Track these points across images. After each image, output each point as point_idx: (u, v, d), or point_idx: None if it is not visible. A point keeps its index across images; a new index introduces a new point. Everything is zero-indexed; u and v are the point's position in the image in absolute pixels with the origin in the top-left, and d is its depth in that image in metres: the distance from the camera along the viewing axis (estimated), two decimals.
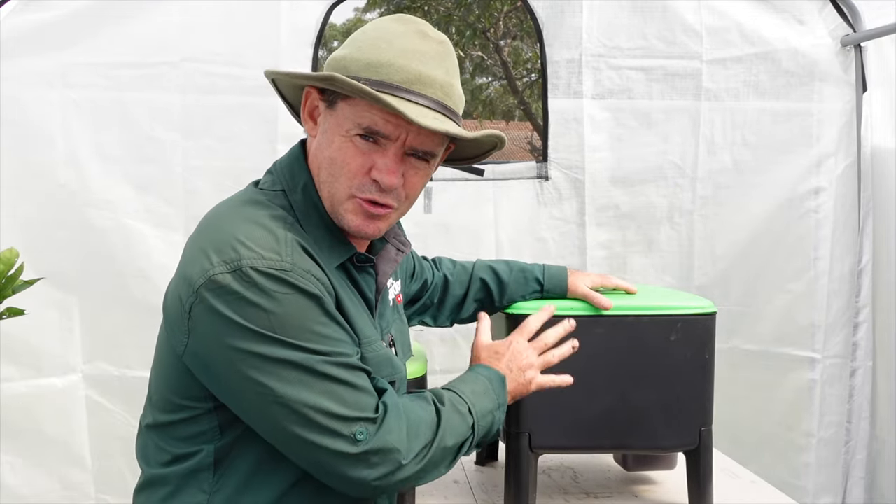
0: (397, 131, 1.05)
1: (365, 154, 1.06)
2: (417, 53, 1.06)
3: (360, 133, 1.05)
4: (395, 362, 1.20)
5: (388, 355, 1.18)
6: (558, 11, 2.57)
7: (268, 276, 0.99)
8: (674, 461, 1.72)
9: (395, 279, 1.35)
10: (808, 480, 2.66)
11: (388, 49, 1.06)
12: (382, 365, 1.14)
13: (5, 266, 1.62)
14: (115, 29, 2.33)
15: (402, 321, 1.35)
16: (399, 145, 1.06)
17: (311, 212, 1.11)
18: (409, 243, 1.29)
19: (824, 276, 2.63)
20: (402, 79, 1.04)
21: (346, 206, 1.09)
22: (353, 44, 1.10)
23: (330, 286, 1.06)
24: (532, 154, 10.34)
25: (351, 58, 1.07)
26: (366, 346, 1.12)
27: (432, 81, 1.06)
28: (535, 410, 1.50)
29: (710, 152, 2.63)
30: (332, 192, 1.09)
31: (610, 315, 1.49)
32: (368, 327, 1.15)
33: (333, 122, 1.07)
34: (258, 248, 1.01)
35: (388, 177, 1.06)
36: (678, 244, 2.67)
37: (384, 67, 1.04)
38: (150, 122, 2.38)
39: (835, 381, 2.64)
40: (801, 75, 2.60)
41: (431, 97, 1.06)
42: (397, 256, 1.24)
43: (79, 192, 2.33)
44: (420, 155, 1.09)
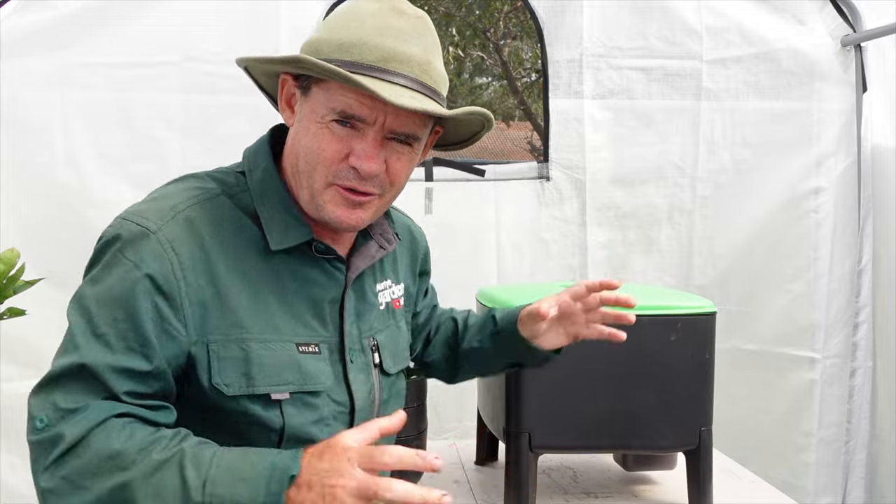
0: (374, 114, 0.98)
1: (342, 140, 1.00)
2: (392, 30, 1.00)
3: (335, 118, 0.99)
4: (310, 370, 1.04)
5: (297, 360, 1.03)
6: (559, 11, 2.57)
7: (123, 232, 0.97)
8: (674, 461, 1.72)
9: (394, 282, 1.25)
10: (808, 480, 2.66)
11: (360, 28, 1.00)
12: (283, 369, 1.02)
13: (6, 266, 1.62)
14: (115, 29, 2.33)
15: (397, 327, 1.24)
16: (377, 129, 1.00)
17: (268, 191, 1.06)
18: (396, 240, 1.21)
19: (824, 276, 2.63)
20: (375, 58, 0.98)
21: (325, 195, 1.03)
22: (326, 25, 1.05)
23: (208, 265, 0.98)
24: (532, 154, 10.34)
25: (323, 39, 1.02)
26: (260, 342, 1.01)
27: (408, 59, 1.00)
28: (535, 410, 1.50)
29: (710, 152, 2.64)
30: (311, 182, 1.03)
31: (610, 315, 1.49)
32: (289, 322, 1.04)
33: (308, 109, 1.02)
34: (143, 207, 1.01)
35: (367, 163, 1.00)
36: (678, 244, 2.67)
37: (356, 47, 0.98)
38: (149, 121, 2.38)
39: (835, 381, 2.64)
40: (801, 75, 2.60)
41: (408, 75, 0.99)
42: (377, 253, 1.16)
43: (79, 191, 2.33)
44: (402, 138, 1.02)
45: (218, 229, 1.02)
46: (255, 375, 1.00)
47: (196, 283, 0.97)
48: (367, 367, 1.14)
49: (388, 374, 1.19)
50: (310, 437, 1.04)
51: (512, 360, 1.35)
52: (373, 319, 1.17)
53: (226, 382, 0.99)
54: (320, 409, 1.06)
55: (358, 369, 1.12)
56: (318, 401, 1.06)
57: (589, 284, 1.20)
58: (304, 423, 1.04)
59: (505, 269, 2.62)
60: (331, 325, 1.10)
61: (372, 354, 1.15)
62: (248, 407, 1.00)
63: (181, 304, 0.96)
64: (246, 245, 1.03)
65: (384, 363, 1.17)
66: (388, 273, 1.24)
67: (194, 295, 0.97)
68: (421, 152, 1.09)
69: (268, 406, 1.01)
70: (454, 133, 1.15)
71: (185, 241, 0.98)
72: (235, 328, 1.00)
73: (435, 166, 2.57)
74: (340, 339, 1.10)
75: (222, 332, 0.99)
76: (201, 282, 0.98)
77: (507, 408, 1.53)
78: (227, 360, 0.99)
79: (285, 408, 1.02)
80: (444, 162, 2.61)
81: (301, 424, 1.04)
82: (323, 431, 1.06)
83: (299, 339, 1.05)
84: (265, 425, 1.01)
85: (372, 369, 1.15)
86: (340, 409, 1.09)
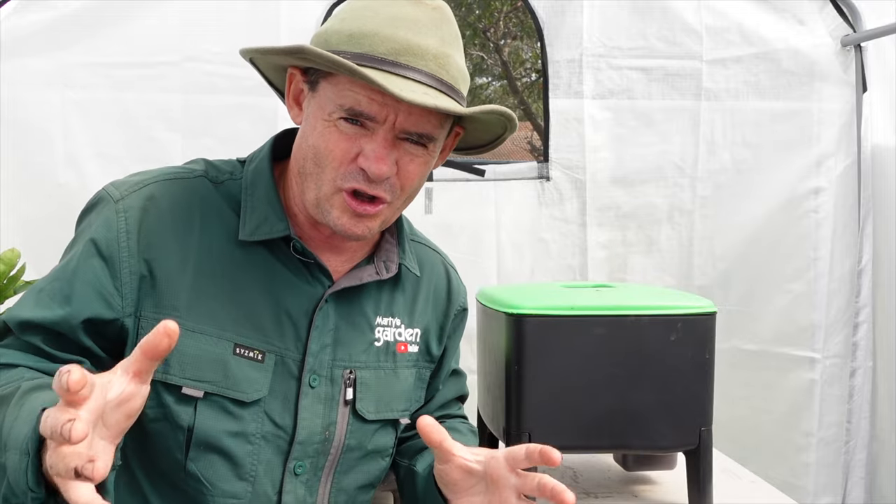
0: (384, 111, 0.91)
1: (350, 139, 0.93)
2: (407, 21, 0.91)
3: (343, 116, 0.92)
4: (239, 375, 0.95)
5: (225, 360, 0.94)
6: (559, 11, 2.57)
7: (95, 197, 1.01)
8: (674, 461, 1.72)
9: (406, 325, 1.12)
10: (808, 480, 2.66)
11: (373, 18, 0.92)
12: (205, 364, 0.94)
13: (7, 266, 1.62)
14: (115, 29, 2.34)
15: (394, 373, 1.10)
16: (388, 128, 0.92)
17: (258, 182, 1.02)
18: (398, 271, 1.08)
19: (824, 276, 2.63)
20: (387, 50, 0.90)
21: (333, 201, 0.95)
22: (338, 15, 0.97)
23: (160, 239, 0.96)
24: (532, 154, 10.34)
25: (333, 30, 0.94)
26: (189, 330, 0.94)
27: (423, 52, 0.91)
28: (535, 410, 1.50)
29: (710, 152, 2.64)
30: (318, 184, 0.95)
31: (610, 315, 1.49)
32: (234, 318, 0.96)
33: (316, 106, 0.95)
34: (122, 179, 1.02)
35: (377, 164, 0.92)
36: (678, 244, 2.67)
37: (367, 38, 0.90)
38: (150, 121, 2.38)
39: (835, 381, 2.64)
40: (801, 75, 2.60)
41: (423, 69, 0.91)
42: (368, 278, 1.05)
43: (80, 191, 2.32)
44: (415, 139, 0.94)
45: (183, 206, 0.98)
46: (171, 362, 0.93)
47: (141, 255, 0.95)
48: (331, 401, 1.02)
49: (364, 419, 1.06)
50: (224, 448, 0.96)
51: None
52: (358, 352, 1.05)
53: None
54: (244, 422, 0.97)
55: (315, 398, 1.01)
56: (245, 412, 0.96)
57: (529, 451, 0.97)
58: (219, 432, 0.95)
59: (505, 269, 2.62)
60: (291, 337, 1.00)
61: (344, 388, 1.03)
62: (160, 395, 0.94)
63: (119, 271, 0.94)
64: (212, 231, 0.99)
65: (359, 404, 1.05)
66: (399, 311, 1.12)
67: (136, 266, 0.95)
68: (438, 155, 1.01)
69: (180, 401, 0.94)
70: (475, 136, 1.06)
71: (140, 211, 0.97)
72: (168, 309, 0.94)
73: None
74: (302, 358, 1.00)
75: (154, 310, 0.94)
76: (148, 255, 0.95)
77: (507, 408, 1.53)
78: None
79: (200, 407, 0.94)
80: (443, 162, 2.61)
81: (215, 431, 0.95)
82: (243, 448, 0.97)
83: (240, 340, 0.97)
84: (173, 421, 0.95)
85: (339, 405, 1.03)
86: (277, 433, 0.99)
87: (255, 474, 0.99)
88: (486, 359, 1.74)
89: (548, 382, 1.50)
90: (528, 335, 1.50)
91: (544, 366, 1.50)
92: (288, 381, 1.00)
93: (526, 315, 1.50)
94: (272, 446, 0.99)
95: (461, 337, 1.30)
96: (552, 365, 1.49)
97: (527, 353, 1.50)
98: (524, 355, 1.50)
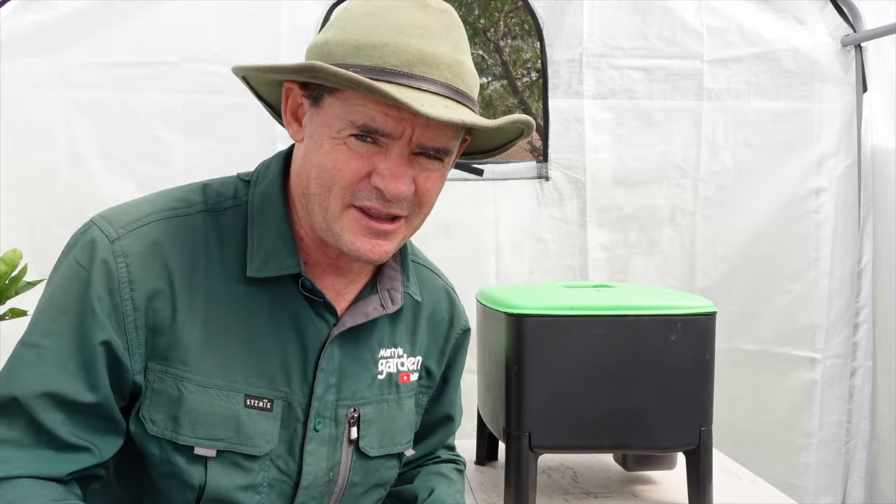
0: (401, 127, 0.85)
1: (362, 158, 0.86)
2: (417, 28, 0.85)
3: (354, 133, 0.85)
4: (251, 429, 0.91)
5: (237, 416, 0.90)
6: (559, 11, 2.57)
7: (83, 236, 0.90)
8: (674, 461, 1.73)
9: (408, 353, 1.06)
10: (809, 480, 2.66)
11: (379, 26, 0.85)
12: (217, 422, 0.90)
13: (8, 267, 1.62)
14: (116, 29, 2.34)
15: (397, 405, 1.05)
16: (404, 144, 0.86)
17: (266, 210, 0.94)
18: (402, 301, 1.02)
19: (825, 276, 2.63)
20: (400, 61, 0.84)
21: (343, 221, 0.88)
22: (337, 24, 0.89)
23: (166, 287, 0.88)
24: (532, 154, 10.33)
25: (336, 41, 0.87)
26: (200, 385, 0.89)
27: (438, 61, 0.85)
28: (535, 410, 1.50)
29: (712, 153, 2.63)
30: (325, 205, 0.88)
31: (610, 315, 1.49)
32: (244, 367, 0.91)
33: (321, 122, 0.88)
34: (117, 209, 0.93)
35: (395, 184, 0.86)
36: (681, 246, 2.67)
37: (377, 49, 0.84)
38: (151, 121, 2.38)
39: (835, 381, 2.64)
40: (802, 75, 2.61)
41: (439, 80, 0.85)
42: (374, 312, 0.99)
43: (82, 191, 2.33)
44: (431, 153, 0.89)
45: (186, 249, 0.90)
46: (182, 422, 0.89)
47: (146, 306, 0.87)
48: (336, 442, 0.98)
49: (368, 455, 1.01)
50: (233, 500, 0.92)
51: None
52: (363, 388, 1.00)
53: (152, 419, 0.88)
54: (254, 474, 0.93)
55: (321, 441, 0.97)
56: (255, 465, 0.93)
57: None
58: (231, 488, 0.91)
59: (504, 268, 2.62)
60: (298, 381, 0.95)
61: (348, 428, 0.99)
62: (169, 454, 0.89)
63: (126, 328, 0.87)
64: (218, 270, 0.91)
65: (362, 441, 1.00)
66: (402, 340, 1.06)
67: (141, 319, 0.87)
68: (450, 167, 0.97)
69: (191, 460, 0.89)
70: (486, 141, 1.01)
71: (143, 256, 0.88)
72: (177, 363, 0.89)
73: None
74: (308, 401, 0.95)
75: (163, 363, 0.88)
76: (155, 305, 0.88)
77: (507, 408, 1.53)
78: (159, 395, 0.89)
79: (210, 466, 0.90)
80: None
81: (226, 488, 0.91)
82: (252, 498, 0.93)
83: (251, 390, 0.92)
84: (183, 480, 0.90)
85: (343, 445, 0.99)
86: (282, 479, 0.95)
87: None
88: (486, 359, 1.74)
89: (548, 382, 1.50)
90: (528, 335, 1.51)
91: (544, 366, 1.50)
92: (294, 425, 0.95)
93: (526, 315, 1.50)
94: (276, 492, 0.96)
95: (465, 361, 1.22)
96: (552, 365, 1.49)
97: (527, 353, 1.50)
98: (524, 355, 1.50)
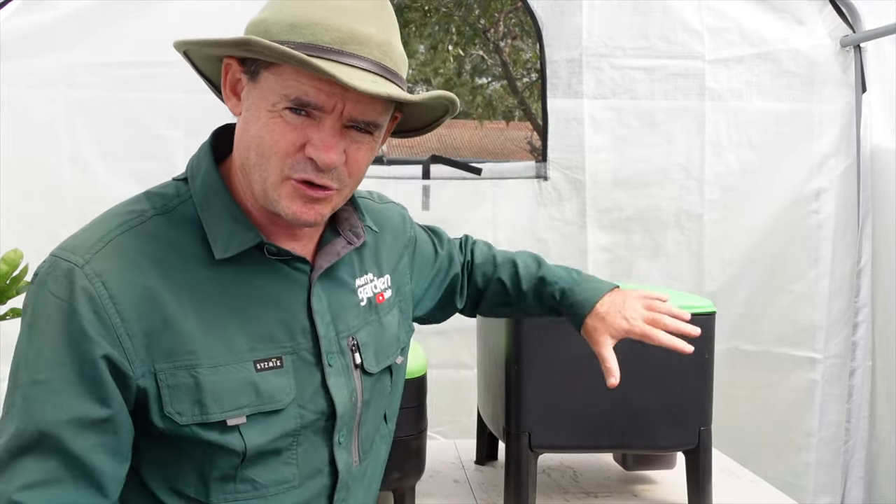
0: (332, 100, 0.91)
1: (296, 129, 0.92)
2: (348, 9, 0.92)
3: (288, 106, 0.91)
4: (268, 388, 0.99)
5: (253, 381, 0.98)
6: (558, 11, 2.58)
7: (51, 269, 0.92)
8: (673, 461, 1.73)
9: (377, 275, 1.17)
10: (808, 480, 2.67)
11: (312, 6, 0.92)
12: (238, 392, 0.96)
13: (9, 267, 1.63)
14: (117, 29, 2.35)
15: (380, 323, 1.15)
16: (336, 117, 0.92)
17: (211, 198, 0.99)
18: (364, 234, 1.13)
19: (825, 276, 2.63)
20: (332, 38, 0.90)
21: (280, 190, 0.95)
22: (274, 3, 0.96)
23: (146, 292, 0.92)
24: (532, 154, 10.34)
25: (272, 20, 0.93)
26: (211, 368, 0.95)
27: (367, 40, 0.92)
28: (534, 410, 1.50)
29: (716, 154, 2.62)
30: (264, 176, 0.95)
31: None
32: (245, 338, 0.98)
33: (258, 96, 0.94)
34: (71, 241, 0.95)
35: (326, 153, 0.92)
36: (687, 249, 2.65)
37: (310, 27, 0.90)
38: (153, 120, 2.39)
39: (835, 381, 2.65)
40: (802, 76, 2.61)
41: (368, 58, 0.92)
42: (343, 249, 1.08)
43: (83, 191, 2.34)
44: (362, 127, 0.95)
45: (153, 252, 0.95)
46: (207, 403, 0.95)
47: (133, 314, 0.91)
48: (347, 370, 1.07)
49: (370, 373, 1.12)
50: (275, 449, 1.00)
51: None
52: (352, 317, 1.10)
53: (178, 411, 0.94)
54: (285, 424, 1.00)
55: (337, 373, 1.05)
56: (283, 416, 1.00)
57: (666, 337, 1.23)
58: (270, 440, 0.99)
59: None
60: (298, 330, 1.02)
61: (352, 355, 1.08)
62: (203, 434, 0.95)
63: (119, 338, 0.90)
64: (189, 262, 0.96)
65: (365, 363, 1.10)
66: (369, 266, 1.16)
67: (134, 327, 0.91)
68: (380, 141, 1.02)
69: (225, 431, 0.96)
70: (415, 118, 1.08)
71: (115, 271, 0.92)
72: (183, 355, 0.94)
73: (432, 164, 2.58)
74: (315, 344, 1.03)
75: (169, 360, 0.93)
76: (141, 311, 0.92)
77: (507, 408, 1.54)
78: (177, 389, 0.94)
79: (244, 431, 0.97)
80: (441, 160, 2.61)
81: (266, 442, 0.99)
82: (292, 444, 1.02)
83: (257, 356, 0.98)
84: (226, 449, 0.97)
85: (352, 371, 1.08)
86: (317, 418, 1.03)
87: (301, 458, 1.03)
88: (486, 359, 1.74)
89: (547, 382, 1.50)
90: (528, 335, 1.51)
91: (544, 366, 1.50)
92: (309, 370, 1.02)
93: None
94: (313, 429, 1.03)
95: (423, 232, 1.37)
96: (552, 365, 1.50)
97: (527, 353, 1.50)
98: (524, 355, 1.50)
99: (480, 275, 1.40)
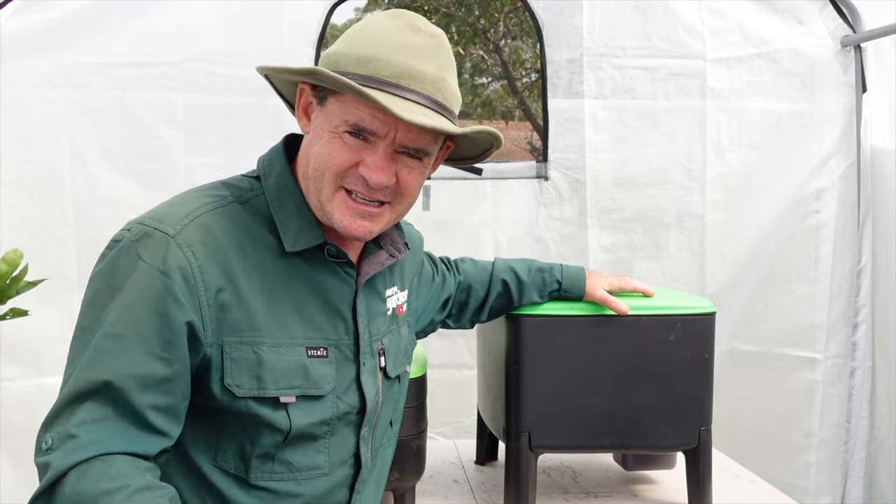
0: (385, 128, 1.03)
1: (353, 150, 1.04)
2: (408, 48, 1.04)
3: (348, 129, 1.03)
4: (315, 374, 1.09)
5: (304, 365, 1.08)
6: (558, 11, 2.58)
7: (140, 235, 1.00)
8: (673, 461, 1.73)
9: (400, 289, 1.29)
10: (808, 480, 2.66)
11: (377, 43, 1.04)
12: (291, 373, 1.07)
13: (10, 267, 1.63)
14: (117, 29, 2.35)
15: (398, 333, 1.27)
16: (388, 142, 1.04)
17: (283, 196, 1.10)
18: (405, 249, 1.25)
19: (826, 276, 2.63)
20: (390, 73, 1.02)
21: (334, 202, 1.06)
22: (346, 38, 1.08)
23: (225, 268, 1.02)
24: (532, 154, 10.35)
25: (341, 53, 1.06)
26: (272, 346, 1.05)
27: (422, 76, 1.03)
28: (534, 410, 1.50)
29: (717, 154, 2.61)
30: (319, 187, 1.07)
31: (610, 315, 1.50)
32: (301, 325, 1.08)
33: (324, 119, 1.06)
34: (159, 211, 1.04)
35: (377, 174, 1.03)
36: (689, 250, 2.64)
37: (373, 62, 1.02)
38: (153, 120, 2.39)
39: (835, 381, 2.64)
40: (802, 76, 2.61)
41: (421, 92, 1.03)
42: (387, 261, 1.20)
43: (83, 191, 2.34)
44: (412, 153, 1.06)
45: (233, 234, 1.05)
46: (265, 378, 1.04)
47: (214, 286, 1.01)
48: (375, 371, 1.18)
49: (389, 377, 1.22)
50: (312, 435, 1.10)
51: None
52: (381, 324, 1.21)
53: (237, 384, 1.03)
54: (324, 411, 1.10)
55: (369, 372, 1.16)
56: (323, 403, 1.10)
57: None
58: (309, 424, 1.09)
59: None
60: (342, 328, 1.13)
61: (378, 358, 1.19)
62: (256, 409, 1.04)
63: (201, 306, 1.00)
64: (261, 249, 1.07)
65: (387, 367, 1.21)
66: (396, 279, 1.28)
67: (213, 298, 1.01)
68: (431, 166, 1.13)
69: (276, 408, 1.06)
70: (465, 149, 1.20)
71: (203, 245, 1.01)
72: (249, 331, 1.04)
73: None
74: (356, 342, 1.14)
75: (237, 335, 1.03)
76: (220, 284, 1.01)
77: (507, 408, 1.54)
78: (239, 362, 1.03)
79: (291, 410, 1.07)
80: (435, 171, 2.62)
81: (306, 425, 1.08)
82: (326, 432, 1.12)
83: (309, 343, 1.09)
84: (273, 426, 1.06)
85: (378, 372, 1.18)
86: (349, 410, 1.13)
87: (333, 448, 1.14)
88: (486, 359, 1.74)
89: (548, 382, 1.50)
90: (528, 335, 1.51)
91: (544, 366, 1.50)
92: (347, 365, 1.13)
93: (526, 315, 1.51)
94: (345, 421, 1.13)
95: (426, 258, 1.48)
96: (552, 365, 1.50)
97: (527, 353, 1.50)
98: (524, 355, 1.50)
99: (479, 283, 1.53)
